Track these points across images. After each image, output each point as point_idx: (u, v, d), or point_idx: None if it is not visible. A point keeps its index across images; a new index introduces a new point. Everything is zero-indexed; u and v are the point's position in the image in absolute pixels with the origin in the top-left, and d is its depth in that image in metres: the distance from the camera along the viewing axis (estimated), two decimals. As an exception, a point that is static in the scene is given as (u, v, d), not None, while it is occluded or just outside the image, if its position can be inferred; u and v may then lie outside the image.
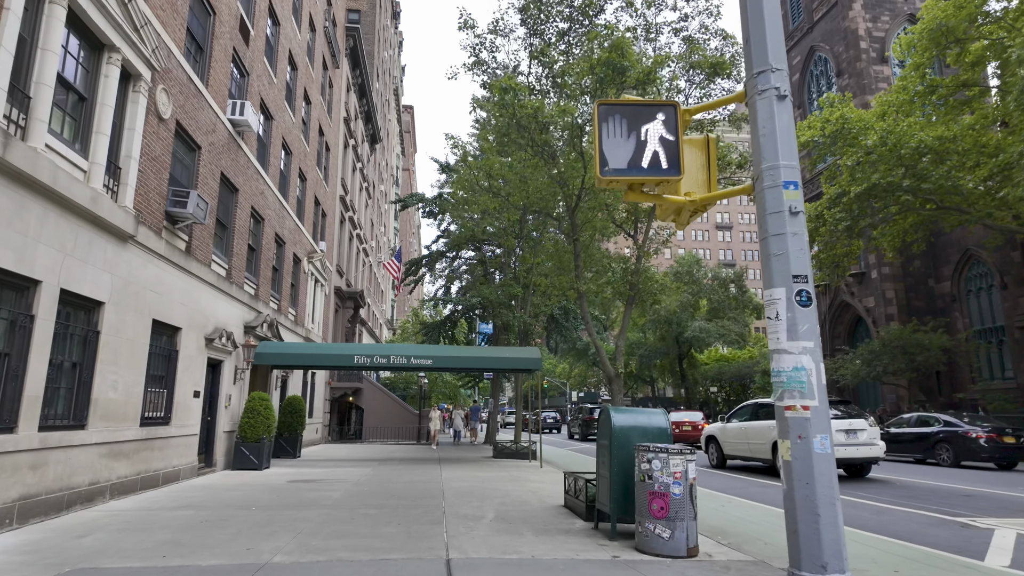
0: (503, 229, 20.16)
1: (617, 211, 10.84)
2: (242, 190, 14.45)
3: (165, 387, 10.86)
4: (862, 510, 9.25)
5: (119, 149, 9.17)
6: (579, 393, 77.49)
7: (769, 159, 3.16)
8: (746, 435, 14.21)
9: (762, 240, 3.29)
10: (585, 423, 30.41)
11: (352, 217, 30.75)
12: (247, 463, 13.64)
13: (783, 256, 3.07)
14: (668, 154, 3.22)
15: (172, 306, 10.83)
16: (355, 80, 31.86)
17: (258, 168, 15.63)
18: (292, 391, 19.67)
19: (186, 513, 7.93)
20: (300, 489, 10.50)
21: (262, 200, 16.07)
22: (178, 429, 11.18)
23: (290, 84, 19.25)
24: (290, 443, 17.30)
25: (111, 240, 8.80)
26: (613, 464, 6.80)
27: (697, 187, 3.42)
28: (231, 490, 10.27)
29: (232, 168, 13.80)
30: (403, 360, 15.60)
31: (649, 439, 6.90)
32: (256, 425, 13.77)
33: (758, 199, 3.30)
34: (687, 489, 6.05)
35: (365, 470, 13.99)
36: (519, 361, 16.09)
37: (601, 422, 7.36)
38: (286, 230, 18.47)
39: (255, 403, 13.93)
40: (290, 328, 19.18)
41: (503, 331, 21.87)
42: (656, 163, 3.26)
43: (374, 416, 28.77)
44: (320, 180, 23.39)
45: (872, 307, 37.88)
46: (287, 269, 18.83)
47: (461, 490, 10.57)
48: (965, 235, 33.84)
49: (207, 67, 12.48)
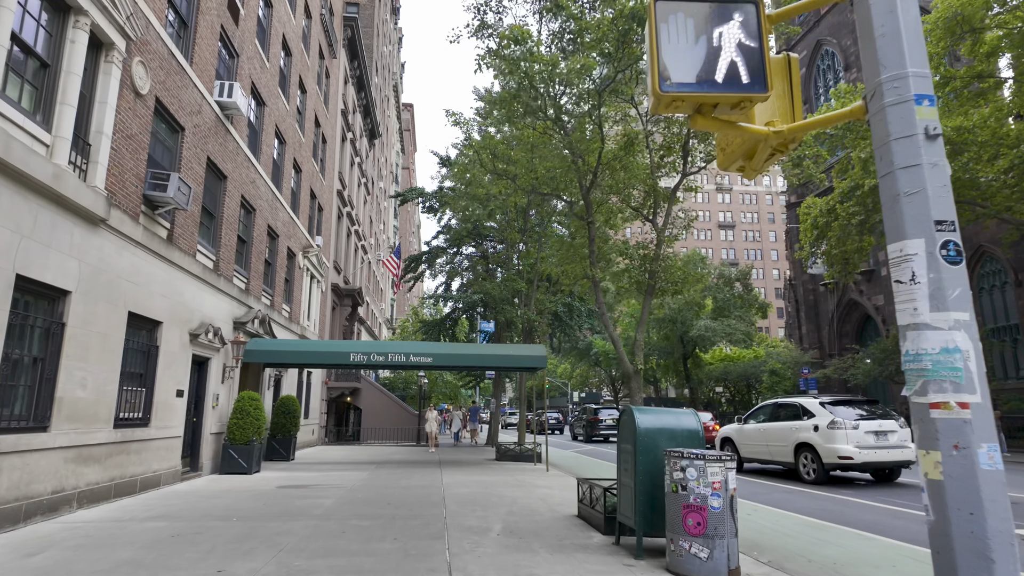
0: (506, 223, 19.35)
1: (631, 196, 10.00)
2: (231, 177, 13.65)
3: (144, 385, 10.05)
4: (903, 519, 8.44)
5: (89, 124, 8.36)
6: (580, 394, 76.68)
7: (891, 66, 2.37)
8: (765, 437, 13.39)
9: (884, 178, 2.49)
10: (589, 424, 29.59)
11: (350, 213, 29.94)
12: (235, 467, 12.83)
13: (919, 195, 2.27)
14: (750, 65, 2.43)
15: (151, 298, 10.02)
16: (353, 72, 31.07)
17: (249, 155, 14.82)
18: (286, 391, 18.87)
19: (158, 525, 7.12)
20: (289, 496, 9.68)
21: (253, 189, 15.26)
22: (158, 431, 10.37)
23: (284, 70, 18.45)
24: (283, 445, 16.49)
25: (79, 223, 7.99)
26: (638, 472, 5.99)
27: (779, 117, 2.64)
28: (214, 497, 9.46)
29: (220, 153, 12.99)
30: (401, 358, 14.79)
31: (679, 443, 6.09)
32: (245, 427, 12.95)
33: (876, 123, 2.51)
34: (727, 502, 5.24)
35: (361, 474, 13.18)
36: (523, 359, 15.28)
37: (623, 424, 6.54)
38: (279, 222, 17.66)
39: (244, 403, 13.12)
40: (284, 325, 18.37)
41: (505, 328, 21.06)
42: (734, 76, 2.46)
43: (373, 417, 27.95)
44: (316, 173, 22.59)
45: (882, 305, 37.07)
46: (280, 263, 18.02)
47: (464, 497, 9.76)
48: (978, 231, 33.02)
49: (191, 43, 11.67)
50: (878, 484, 12.25)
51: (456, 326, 28.94)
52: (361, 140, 34.31)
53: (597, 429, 29.25)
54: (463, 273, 26.78)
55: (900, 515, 8.77)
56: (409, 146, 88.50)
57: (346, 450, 21.71)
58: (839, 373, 34.19)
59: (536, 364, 15.23)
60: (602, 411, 30.18)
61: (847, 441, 11.49)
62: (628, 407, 6.47)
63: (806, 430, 12.24)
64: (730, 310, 44.80)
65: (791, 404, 13.07)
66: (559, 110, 8.95)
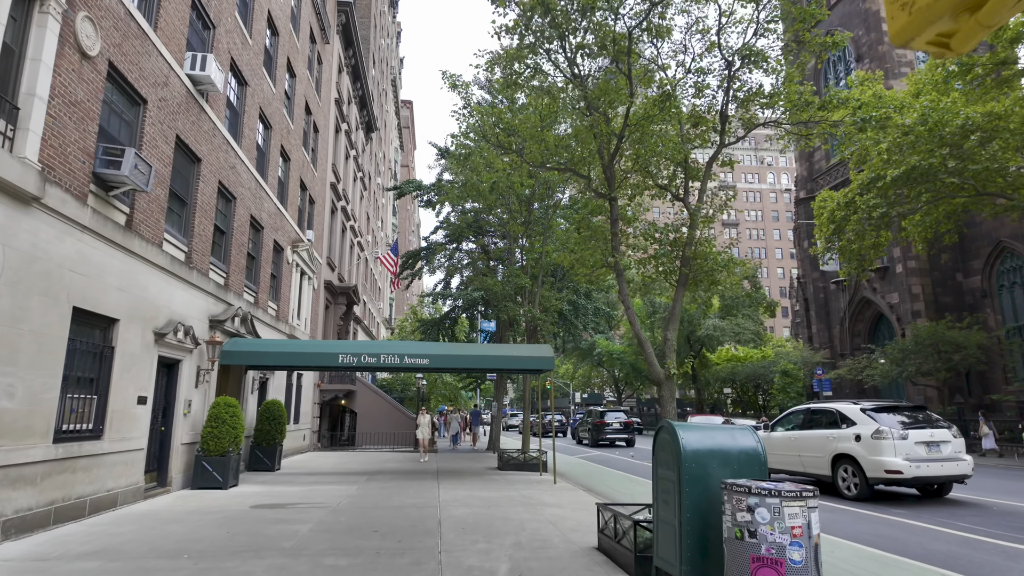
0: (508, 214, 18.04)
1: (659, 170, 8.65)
2: (206, 161, 12.36)
3: (96, 392, 8.76)
4: (985, 551, 7.14)
5: (17, 84, 7.07)
6: (583, 395, 75.31)
7: None
8: (797, 446, 12.09)
9: None
10: (595, 428, 28.29)
11: (345, 208, 28.66)
12: (209, 481, 11.54)
13: None
14: None
15: (105, 292, 8.73)
16: (348, 61, 29.78)
17: (228, 138, 13.54)
18: (273, 395, 17.57)
19: (86, 568, 5.83)
20: (261, 520, 8.39)
21: (233, 176, 13.98)
22: (114, 443, 9.08)
23: (270, 50, 17.16)
24: (268, 454, 15.19)
25: (3, 201, 6.71)
26: (684, 507, 4.70)
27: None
28: (173, 522, 8.16)
29: (192, 133, 11.70)
30: (395, 360, 13.49)
31: (735, 470, 4.80)
32: (221, 436, 11.66)
33: None
34: (811, 552, 3.96)
35: (350, 488, 11.89)
36: (529, 360, 13.99)
37: (660, 443, 5.25)
38: (264, 213, 16.37)
39: (220, 410, 11.82)
40: (270, 324, 17.08)
41: (508, 327, 19.77)
42: None
43: (368, 420, 26.64)
44: (307, 163, 21.30)
45: (896, 303, 35.76)
46: (266, 257, 16.74)
47: (463, 521, 8.47)
48: (997, 226, 31.75)
49: (156, 6, 10.38)
50: (927, 500, 10.96)
51: (456, 325, 27.65)
52: (357, 133, 33.03)
53: (603, 433, 27.96)
54: (462, 270, 25.48)
55: (979, 546, 7.46)
56: (408, 143, 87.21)
57: (338, 457, 20.42)
58: (854, 374, 32.88)
59: (543, 366, 13.94)
60: (608, 414, 28.89)
61: (895, 453, 10.20)
62: (667, 423, 5.17)
63: (846, 440, 10.94)
64: (738, 309, 43.49)
65: (827, 410, 11.77)
66: (581, 49, 7.56)
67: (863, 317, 38.70)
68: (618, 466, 18.69)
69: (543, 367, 14.06)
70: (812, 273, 41.13)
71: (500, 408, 24.11)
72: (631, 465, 18.88)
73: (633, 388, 59.97)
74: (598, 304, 25.43)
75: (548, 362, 13.87)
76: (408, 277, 26.69)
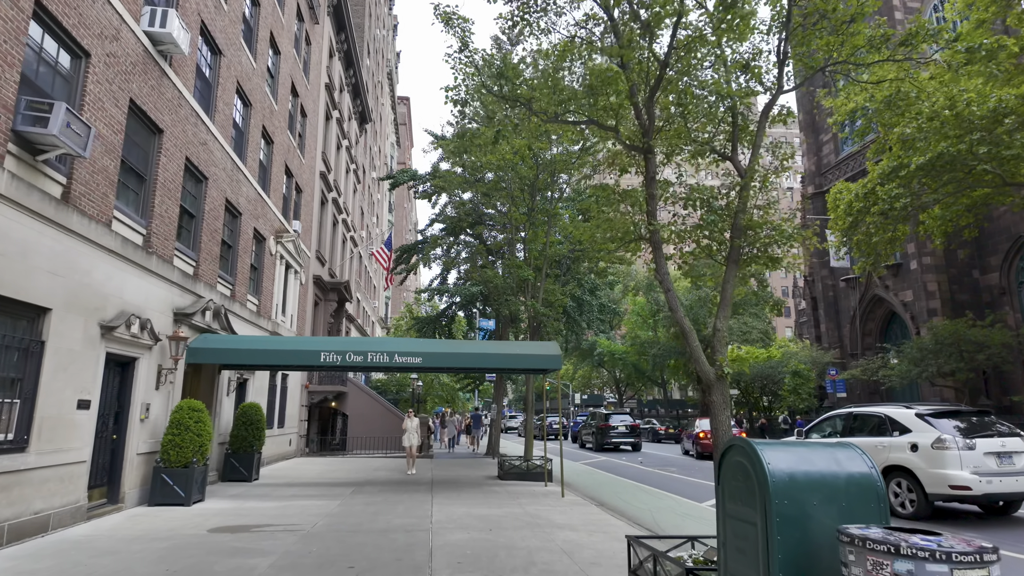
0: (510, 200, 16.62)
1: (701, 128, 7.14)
2: (169, 132, 10.91)
3: (19, 396, 7.31)
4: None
5: (-102, 7, 5.64)
6: (582, 396, 73.80)
7: None
8: (838, 456, 10.67)
9: None
10: (600, 431, 26.88)
11: (337, 200, 27.21)
12: (170, 496, 10.09)
13: None
14: None
15: (30, 275, 7.29)
16: (340, 46, 28.35)
17: (197, 110, 12.10)
18: (254, 397, 16.12)
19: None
20: (215, 550, 6.95)
21: (204, 153, 12.54)
22: (45, 456, 7.63)
23: (249, 20, 15.73)
24: (244, 463, 13.74)
25: None
26: (774, 563, 3.28)
27: None
28: (105, 553, 6.72)
29: (151, 99, 10.26)
30: (384, 358, 12.06)
31: (845, 509, 3.38)
32: (184, 445, 10.21)
33: None
34: (998, 649, 2.54)
35: (330, 504, 10.45)
36: (534, 359, 12.57)
37: (730, 468, 3.82)
38: (243, 198, 14.93)
39: (183, 415, 10.37)
40: (249, 320, 15.63)
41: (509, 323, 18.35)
42: None
43: (361, 424, 25.16)
44: (293, 148, 19.86)
45: (910, 301, 34.44)
46: (245, 247, 15.29)
47: (459, 550, 7.04)
48: (1017, 221, 30.46)
49: (103, -54, 8.95)
50: (992, 519, 9.55)
51: (453, 323, 26.20)
52: (350, 123, 31.60)
53: (608, 437, 26.56)
54: (460, 264, 24.04)
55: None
56: (405, 140, 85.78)
57: (326, 463, 18.97)
58: (868, 374, 31.54)
59: (549, 365, 12.53)
60: (613, 417, 27.48)
61: (961, 465, 8.79)
62: (742, 442, 3.75)
63: (900, 449, 9.53)
64: (744, 307, 42.11)
65: (874, 415, 10.36)
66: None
67: (874, 316, 37.40)
68: (628, 474, 17.28)
69: (549, 367, 12.64)
70: (821, 271, 39.84)
71: (500, 411, 22.68)
72: (643, 474, 17.47)
73: (635, 389, 58.54)
74: (603, 300, 24.03)
75: (555, 361, 12.46)
76: (402, 272, 25.23)
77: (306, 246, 21.65)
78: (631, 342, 46.90)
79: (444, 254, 23.75)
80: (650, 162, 6.59)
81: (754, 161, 6.46)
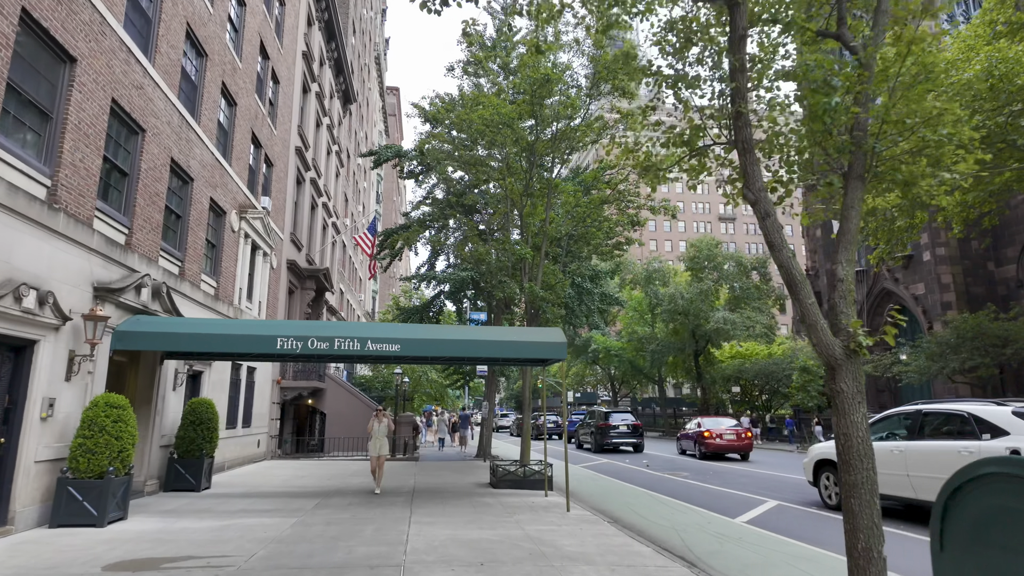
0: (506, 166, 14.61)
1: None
2: (86, 64, 8.81)
3: None
4: None
5: None
6: (575, 394, 71.87)
7: None
8: (905, 464, 8.78)
9: None
10: (599, 431, 24.96)
11: (316, 181, 25.09)
12: (79, 515, 8.02)
13: None
14: None
15: None
16: (320, 15, 26.21)
17: (128, 43, 9.99)
18: (211, 393, 14.02)
19: None
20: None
21: (140, 100, 10.44)
22: None
23: (205, -43, 13.60)
24: (192, 469, 11.65)
25: None
26: None
27: None
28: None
29: (56, 15, 8.17)
30: (354, 345, 10.01)
31: None
32: (97, 449, 8.14)
33: None
34: None
35: (283, 524, 8.41)
36: (535, 347, 10.58)
37: (986, 516, 1.86)
38: (194, 160, 12.83)
39: (97, 412, 8.30)
40: (205, 303, 13.54)
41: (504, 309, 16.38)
42: None
43: (339, 423, 23.07)
44: (262, 116, 17.74)
45: (922, 295, 32.82)
46: (198, 219, 13.19)
47: (439, 600, 5.04)
48: (1035, 210, 28.91)
49: None
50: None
51: (441, 315, 24.17)
52: (332, 101, 29.45)
53: (608, 437, 24.65)
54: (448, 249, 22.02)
55: None
56: (395, 132, 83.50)
57: (297, 467, 16.90)
58: (880, 371, 29.86)
59: (552, 354, 10.55)
60: (613, 415, 25.57)
61: (1081, 478, 6.91)
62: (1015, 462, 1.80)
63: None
64: (747, 301, 40.36)
65: (953, 414, 8.46)
66: None
67: (883, 310, 35.77)
68: (636, 480, 15.35)
69: (552, 356, 10.66)
70: (824, 264, 38.22)
71: (492, 408, 20.71)
72: (653, 480, 15.54)
73: (629, 387, 56.72)
74: (605, 289, 22.10)
75: (559, 349, 10.48)
76: (386, 256, 23.14)
77: (278, 227, 19.55)
78: (628, 338, 45.03)
79: (434, 234, 21.74)
80: (737, 14, 4.52)
81: (875, 42, 4.24)
